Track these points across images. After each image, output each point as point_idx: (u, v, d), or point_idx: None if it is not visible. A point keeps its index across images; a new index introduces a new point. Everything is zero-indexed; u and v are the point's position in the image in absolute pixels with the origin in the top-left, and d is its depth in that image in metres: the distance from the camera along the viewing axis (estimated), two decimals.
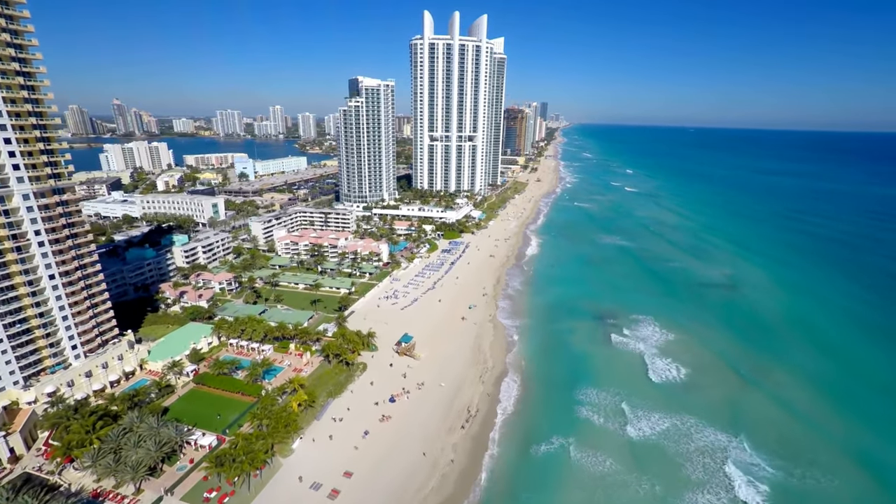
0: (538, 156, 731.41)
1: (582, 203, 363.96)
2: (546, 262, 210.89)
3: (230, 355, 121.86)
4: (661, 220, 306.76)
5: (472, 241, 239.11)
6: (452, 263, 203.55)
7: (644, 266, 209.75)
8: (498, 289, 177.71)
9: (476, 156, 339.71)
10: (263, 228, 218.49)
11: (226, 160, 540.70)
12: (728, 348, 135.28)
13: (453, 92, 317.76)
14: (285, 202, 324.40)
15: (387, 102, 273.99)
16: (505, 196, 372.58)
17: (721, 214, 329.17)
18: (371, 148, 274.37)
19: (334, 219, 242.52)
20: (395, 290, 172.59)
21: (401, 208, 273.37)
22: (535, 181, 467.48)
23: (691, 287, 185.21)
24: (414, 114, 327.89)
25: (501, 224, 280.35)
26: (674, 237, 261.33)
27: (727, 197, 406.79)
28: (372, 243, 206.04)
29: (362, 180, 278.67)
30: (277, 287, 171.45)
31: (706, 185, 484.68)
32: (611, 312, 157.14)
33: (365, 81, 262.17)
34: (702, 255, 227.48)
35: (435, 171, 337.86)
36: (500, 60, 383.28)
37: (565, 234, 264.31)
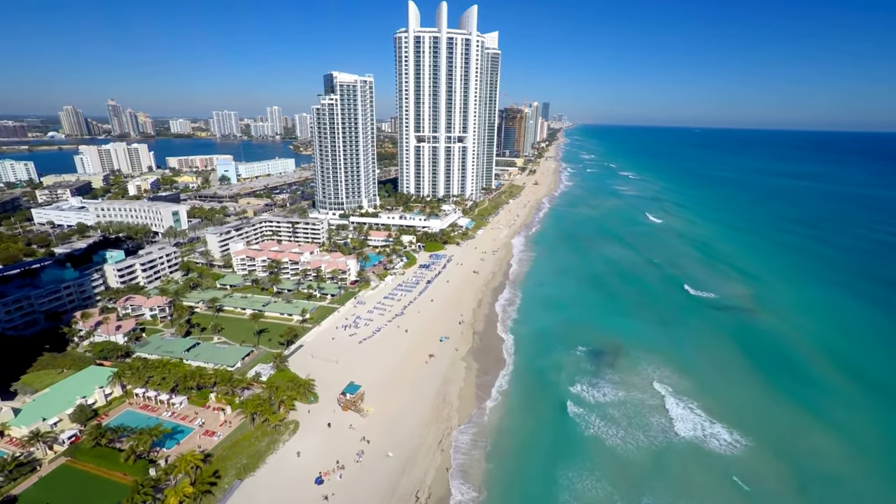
0: (538, 157, 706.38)
1: (581, 209, 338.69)
2: (537, 280, 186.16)
3: (134, 410, 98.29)
4: (666, 228, 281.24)
5: (457, 254, 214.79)
6: (429, 282, 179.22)
7: (649, 284, 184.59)
8: (478, 314, 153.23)
9: (466, 158, 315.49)
10: (220, 241, 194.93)
11: (210, 162, 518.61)
12: (760, 401, 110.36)
13: (441, 89, 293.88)
14: (260, 208, 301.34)
15: (365, 100, 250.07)
16: (499, 201, 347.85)
17: (732, 221, 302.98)
18: (347, 150, 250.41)
19: (303, 229, 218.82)
20: (357, 316, 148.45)
21: (380, 216, 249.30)
22: (533, 184, 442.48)
23: (702, 310, 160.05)
24: (399, 113, 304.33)
25: (491, 233, 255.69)
26: (681, 248, 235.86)
27: (738, 202, 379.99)
28: (339, 258, 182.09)
29: (338, 186, 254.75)
30: (221, 313, 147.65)
31: (714, 188, 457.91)
32: (610, 346, 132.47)
33: (340, 77, 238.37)
34: (713, 270, 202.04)
35: (422, 175, 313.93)
36: (493, 56, 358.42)
37: (561, 245, 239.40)
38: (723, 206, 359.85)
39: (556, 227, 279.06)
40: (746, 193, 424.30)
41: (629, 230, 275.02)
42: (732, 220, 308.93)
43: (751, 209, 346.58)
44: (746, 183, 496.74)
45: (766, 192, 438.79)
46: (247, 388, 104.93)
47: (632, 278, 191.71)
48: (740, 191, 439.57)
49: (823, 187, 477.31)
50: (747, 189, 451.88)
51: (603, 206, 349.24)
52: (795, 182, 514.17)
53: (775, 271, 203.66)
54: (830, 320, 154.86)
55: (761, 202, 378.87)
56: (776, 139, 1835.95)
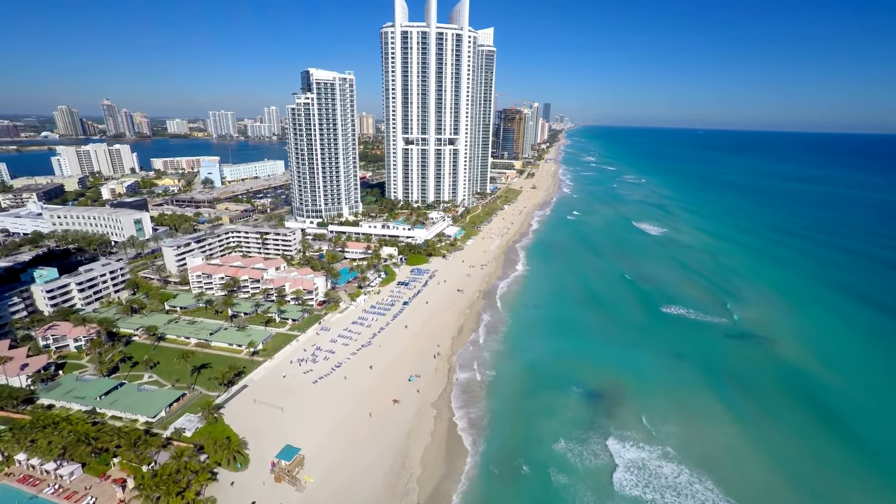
0: (538, 159, 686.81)
1: (580, 216, 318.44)
2: (528, 302, 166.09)
3: (9, 484, 78.94)
4: (673, 239, 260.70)
5: (441, 269, 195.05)
6: (406, 303, 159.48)
7: (654, 308, 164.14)
8: (457, 345, 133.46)
9: (458, 161, 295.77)
10: (176, 255, 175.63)
11: (198, 164, 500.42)
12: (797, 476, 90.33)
13: (430, 88, 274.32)
14: (238, 215, 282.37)
15: (344, 99, 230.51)
16: (493, 207, 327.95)
17: (745, 231, 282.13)
18: (326, 154, 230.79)
19: (273, 241, 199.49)
20: (318, 347, 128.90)
21: (361, 225, 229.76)
22: (531, 188, 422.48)
23: (717, 340, 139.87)
24: (386, 113, 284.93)
25: (482, 244, 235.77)
26: (689, 262, 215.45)
27: (749, 209, 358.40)
28: (308, 275, 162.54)
29: (316, 192, 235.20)
30: (162, 343, 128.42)
31: (722, 193, 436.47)
32: (610, 387, 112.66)
33: (316, 74, 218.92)
34: (727, 289, 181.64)
35: (410, 180, 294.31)
36: (488, 53, 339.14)
37: (557, 258, 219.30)
38: (733, 213, 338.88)
39: (552, 237, 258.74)
40: (757, 199, 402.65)
41: (632, 241, 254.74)
42: (745, 229, 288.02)
43: (765, 217, 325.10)
44: (756, 188, 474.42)
45: (778, 197, 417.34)
46: (162, 449, 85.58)
47: (636, 299, 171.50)
48: (750, 196, 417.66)
49: (838, 192, 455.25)
50: (758, 194, 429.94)
51: (604, 213, 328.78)
52: (808, 187, 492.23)
53: (798, 291, 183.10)
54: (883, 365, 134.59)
55: (775, 209, 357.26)
56: (779, 141, 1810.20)
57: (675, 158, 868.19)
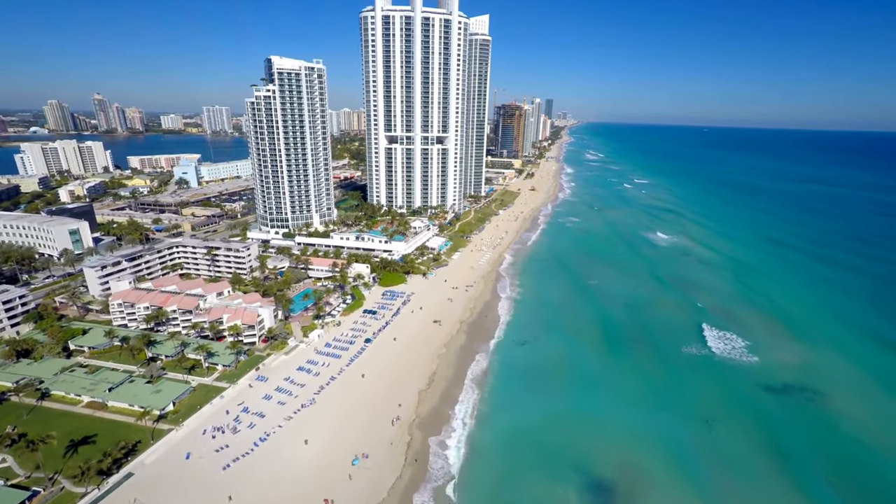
0: (539, 157, 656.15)
1: (582, 223, 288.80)
2: (518, 337, 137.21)
3: None
4: (688, 251, 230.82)
5: (419, 291, 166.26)
6: (369, 340, 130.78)
7: (672, 346, 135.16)
8: (425, 403, 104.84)
9: (447, 162, 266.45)
10: (100, 277, 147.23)
11: (178, 162, 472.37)
12: None
13: (415, 80, 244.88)
14: (202, 221, 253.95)
15: (312, 92, 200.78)
16: (486, 212, 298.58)
17: (772, 242, 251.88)
18: (292, 154, 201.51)
19: (224, 257, 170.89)
20: (245, 407, 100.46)
21: (332, 237, 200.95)
22: (529, 190, 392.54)
23: (755, 396, 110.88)
24: (367, 108, 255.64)
25: (470, 257, 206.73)
26: (709, 283, 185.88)
27: (771, 214, 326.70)
28: (254, 303, 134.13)
29: (280, 198, 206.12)
30: (45, 402, 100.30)
31: (737, 196, 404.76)
32: (624, 485, 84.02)
33: (279, 63, 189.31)
34: (758, 319, 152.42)
35: (394, 182, 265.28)
36: (482, 43, 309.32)
37: (554, 276, 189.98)
38: (752, 220, 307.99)
39: (550, 248, 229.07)
40: (777, 204, 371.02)
41: (640, 254, 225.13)
42: (770, 239, 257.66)
43: (790, 224, 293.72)
44: (774, 191, 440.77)
45: (799, 202, 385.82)
46: None
47: (649, 334, 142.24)
48: (769, 201, 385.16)
49: (861, 195, 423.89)
50: (777, 198, 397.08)
51: (609, 220, 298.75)
52: (829, 189, 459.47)
53: (847, 320, 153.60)
54: None
55: (800, 215, 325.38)
56: (784, 139, 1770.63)
57: (681, 157, 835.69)
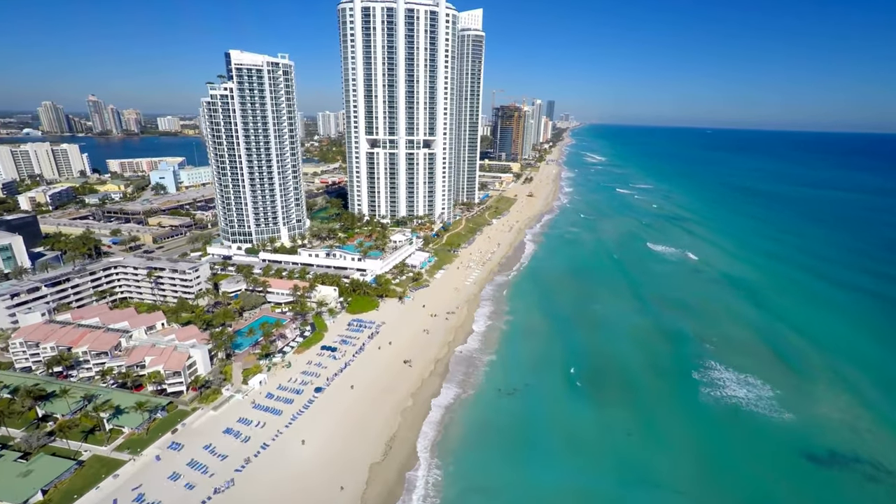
0: (539, 161, 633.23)
1: (580, 232, 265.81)
2: (503, 383, 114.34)
3: None
4: (700, 267, 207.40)
5: (392, 319, 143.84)
6: (320, 389, 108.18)
7: (689, 393, 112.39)
8: (377, 483, 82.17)
9: (435, 167, 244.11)
10: (7, 307, 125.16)
11: (157, 165, 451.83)
12: None
13: (398, 78, 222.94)
14: (166, 232, 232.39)
15: (277, 90, 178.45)
16: (478, 221, 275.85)
17: (796, 258, 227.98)
18: (254, 160, 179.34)
19: (170, 279, 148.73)
20: (141, 494, 77.95)
21: (300, 253, 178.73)
22: (527, 196, 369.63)
23: (802, 470, 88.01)
24: (346, 109, 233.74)
25: (455, 276, 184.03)
26: (727, 307, 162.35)
27: (790, 225, 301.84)
28: (188, 341, 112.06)
29: (242, 209, 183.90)
30: None
31: (750, 203, 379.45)
32: None
33: (238, 58, 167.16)
34: (787, 355, 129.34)
35: (377, 190, 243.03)
36: (475, 39, 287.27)
37: (549, 300, 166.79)
38: (769, 231, 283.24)
39: (546, 265, 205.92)
40: (790, 213, 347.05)
41: (647, 271, 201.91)
42: (793, 255, 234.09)
43: (813, 238, 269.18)
44: (789, 197, 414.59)
45: (812, 210, 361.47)
46: None
47: (665, 380, 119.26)
48: (786, 208, 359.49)
49: (870, 200, 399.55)
50: (788, 206, 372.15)
51: (610, 231, 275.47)
52: (838, 195, 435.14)
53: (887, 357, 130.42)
54: None
55: (824, 227, 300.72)
56: (788, 141, 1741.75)
57: (686, 160, 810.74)
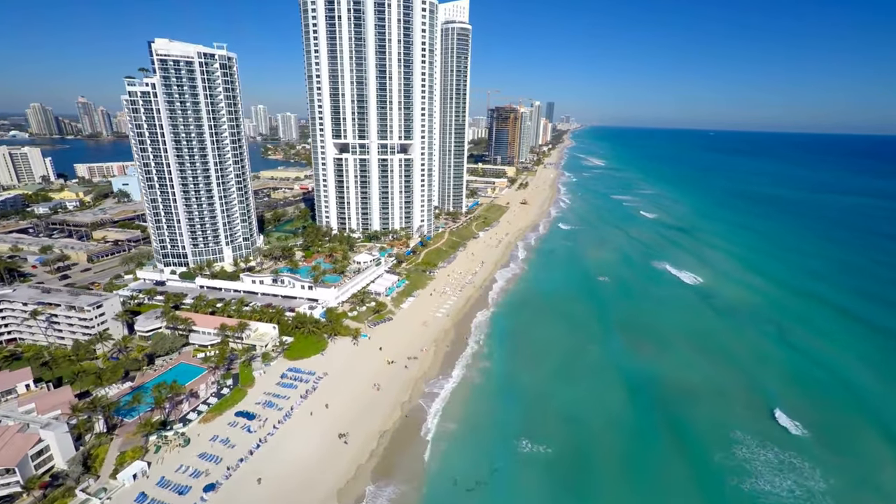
0: (536, 164, 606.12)
1: (577, 248, 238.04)
2: (468, 471, 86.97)
3: None
4: (713, 292, 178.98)
5: (338, 368, 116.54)
6: (212, 487, 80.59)
7: (713, 478, 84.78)
8: None
9: (412, 175, 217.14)
10: None
11: (127, 170, 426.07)
12: None
13: (368, 75, 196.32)
14: (106, 249, 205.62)
15: (213, 86, 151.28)
16: (464, 234, 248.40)
17: (828, 280, 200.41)
18: (187, 169, 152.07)
19: (66, 317, 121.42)
20: None
21: (242, 279, 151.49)
22: (520, 203, 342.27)
23: None
24: (310, 110, 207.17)
25: (427, 305, 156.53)
26: (748, 349, 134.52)
27: (814, 238, 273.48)
28: (53, 411, 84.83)
29: (175, 227, 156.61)
30: None
31: (764, 212, 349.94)
32: None
33: (163, 48, 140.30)
34: (834, 420, 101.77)
35: (347, 201, 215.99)
36: (460, 32, 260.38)
37: (536, 338, 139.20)
38: (790, 245, 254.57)
39: (535, 291, 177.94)
40: (809, 220, 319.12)
41: (652, 296, 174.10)
42: (814, 273, 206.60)
43: (846, 254, 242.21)
44: (801, 204, 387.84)
45: (832, 217, 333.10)
46: None
47: (672, 452, 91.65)
48: (798, 216, 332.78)
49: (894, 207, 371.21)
50: (806, 214, 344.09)
51: (610, 246, 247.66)
52: (858, 201, 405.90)
53: None
54: None
55: (856, 238, 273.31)
56: (792, 142, 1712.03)
57: (690, 163, 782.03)
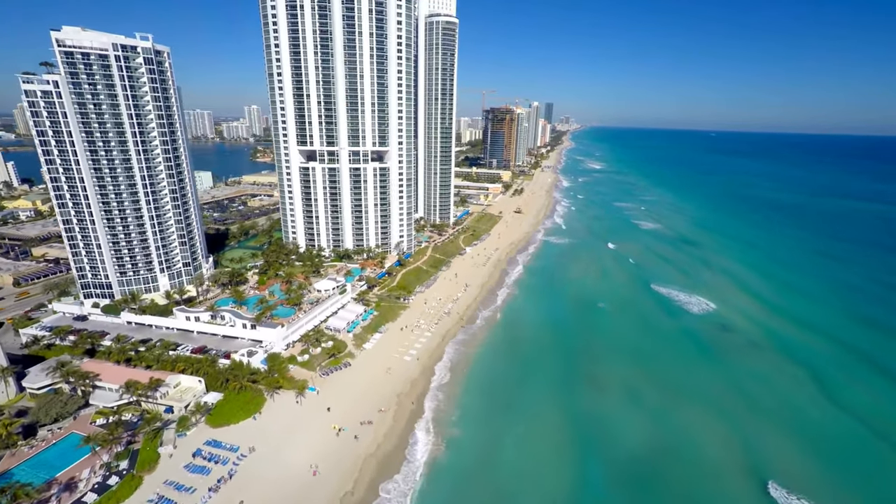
0: (534, 167, 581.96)
1: (574, 265, 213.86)
2: None
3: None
4: (727, 324, 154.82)
5: (270, 439, 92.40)
6: None
7: None
8: None
9: (389, 185, 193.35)
10: None
11: None
12: None
13: (336, 72, 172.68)
14: (37, 270, 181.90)
15: (136, 84, 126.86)
16: (449, 250, 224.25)
17: (849, 300, 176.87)
18: (108, 183, 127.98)
19: None
20: None
21: (175, 314, 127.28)
22: (514, 212, 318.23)
23: None
24: (272, 112, 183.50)
25: (395, 344, 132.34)
26: (776, 408, 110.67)
27: (843, 253, 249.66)
28: None
29: (95, 252, 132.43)
30: None
31: (779, 221, 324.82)
32: None
33: (71, 37, 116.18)
34: None
35: (315, 215, 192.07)
36: (446, 26, 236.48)
37: (525, 387, 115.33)
38: (812, 262, 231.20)
39: (523, 321, 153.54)
40: (837, 230, 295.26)
41: (660, 331, 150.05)
42: (851, 292, 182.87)
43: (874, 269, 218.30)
44: (824, 213, 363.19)
45: (862, 228, 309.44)
46: None
47: None
48: (821, 226, 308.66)
49: None
50: (833, 225, 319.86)
51: (611, 263, 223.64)
52: (883, 208, 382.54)
53: None
54: None
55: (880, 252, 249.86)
56: (796, 143, 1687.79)
57: (692, 166, 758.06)
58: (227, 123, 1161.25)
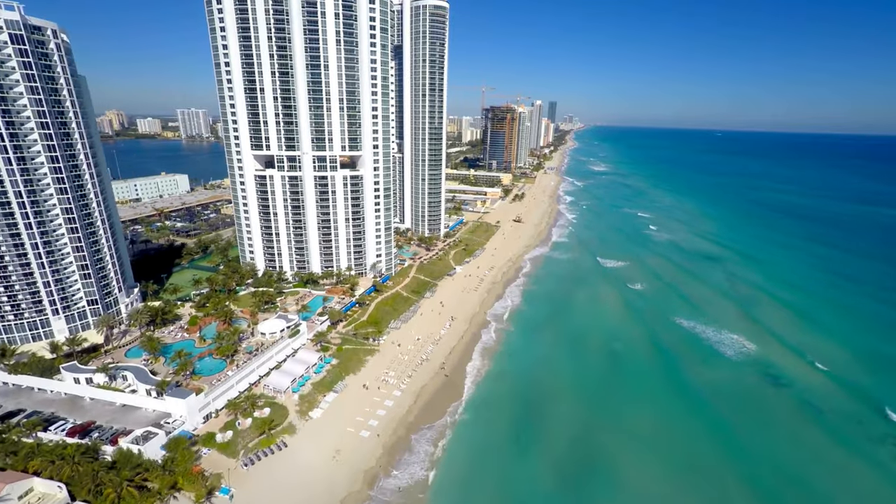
0: (536, 169, 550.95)
1: (580, 293, 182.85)
2: None
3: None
4: (765, 367, 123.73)
5: None
6: None
7: None
8: None
9: (363, 196, 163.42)
10: None
11: None
12: None
13: (296, 62, 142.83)
14: None
15: (31, 76, 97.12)
16: (436, 269, 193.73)
17: None
18: (20, 198, 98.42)
19: None
20: None
21: (62, 373, 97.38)
22: (513, 221, 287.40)
23: None
24: (221, 109, 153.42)
25: (354, 409, 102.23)
26: None
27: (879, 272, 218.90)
28: None
29: (10, 278, 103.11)
30: None
31: (810, 234, 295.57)
32: None
33: None
34: None
35: (275, 232, 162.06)
36: (435, 11, 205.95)
37: (515, 480, 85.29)
38: (854, 283, 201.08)
39: (520, 372, 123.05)
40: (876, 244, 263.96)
41: (690, 386, 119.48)
42: None
43: None
44: (862, 223, 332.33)
45: None
46: None
47: None
48: (861, 239, 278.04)
49: None
50: (872, 236, 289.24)
51: (625, 287, 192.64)
52: None
53: None
54: None
55: None
56: (804, 144, 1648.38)
57: (701, 168, 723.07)
58: (221, 122, 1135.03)
